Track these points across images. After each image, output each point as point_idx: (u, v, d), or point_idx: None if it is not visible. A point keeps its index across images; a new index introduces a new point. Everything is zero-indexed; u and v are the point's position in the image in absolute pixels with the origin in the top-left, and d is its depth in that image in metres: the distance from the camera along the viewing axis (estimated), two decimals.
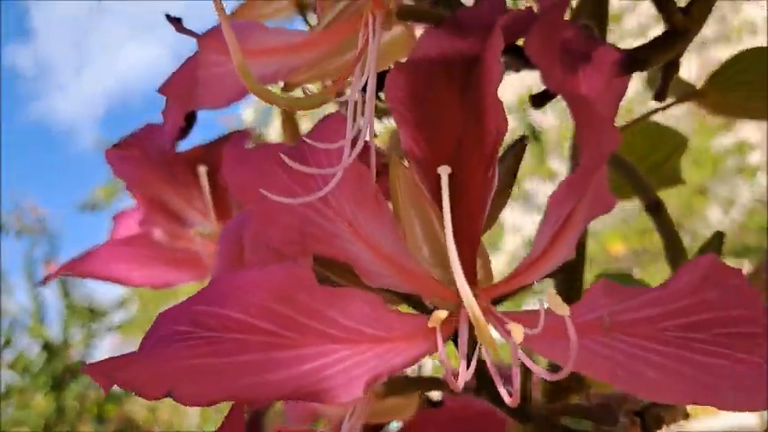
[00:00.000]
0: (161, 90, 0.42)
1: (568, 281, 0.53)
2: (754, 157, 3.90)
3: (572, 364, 0.31)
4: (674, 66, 0.39)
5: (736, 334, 0.32)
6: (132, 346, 0.45)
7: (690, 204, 3.76)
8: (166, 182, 0.67)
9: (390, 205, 0.37)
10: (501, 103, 0.34)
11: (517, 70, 0.40)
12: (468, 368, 0.33)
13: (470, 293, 0.30)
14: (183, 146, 0.69)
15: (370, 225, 0.36)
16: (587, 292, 0.34)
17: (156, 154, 0.63)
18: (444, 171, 0.30)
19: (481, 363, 0.41)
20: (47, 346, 4.07)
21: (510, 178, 0.43)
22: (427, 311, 0.36)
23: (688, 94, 0.50)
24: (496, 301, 0.38)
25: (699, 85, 0.50)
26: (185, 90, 0.41)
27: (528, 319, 0.33)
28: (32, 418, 3.89)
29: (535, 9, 0.36)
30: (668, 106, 0.51)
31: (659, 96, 0.40)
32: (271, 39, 0.38)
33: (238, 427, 0.32)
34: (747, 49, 0.47)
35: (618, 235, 4.07)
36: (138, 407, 4.32)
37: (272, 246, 0.36)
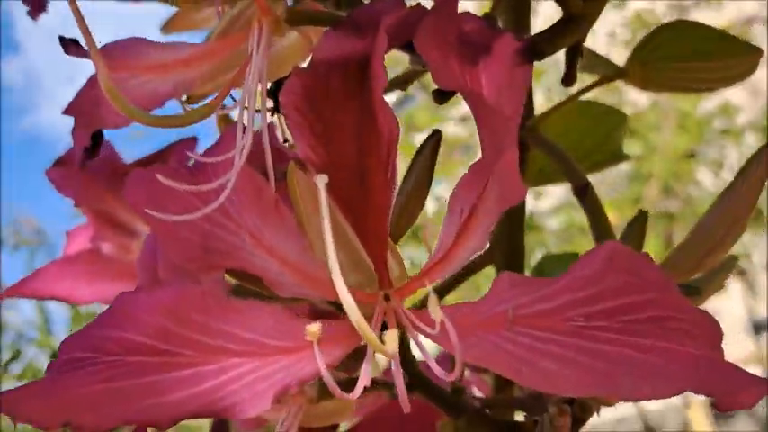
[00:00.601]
0: (65, 111, 0.41)
1: (510, 266, 0.53)
2: (741, 118, 3.88)
3: (460, 363, 0.30)
4: (576, 50, 0.38)
5: (645, 319, 0.31)
6: None
7: (679, 170, 3.75)
8: (112, 194, 0.66)
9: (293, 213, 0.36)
10: (386, 103, 0.33)
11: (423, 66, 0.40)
12: (365, 376, 0.33)
13: (351, 300, 0.30)
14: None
15: (273, 235, 0.35)
16: (493, 285, 0.34)
17: (100, 167, 0.62)
18: (321, 180, 0.30)
19: (411, 360, 0.41)
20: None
21: (426, 173, 0.42)
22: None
23: (612, 73, 0.49)
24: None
25: None
26: (88, 110, 0.40)
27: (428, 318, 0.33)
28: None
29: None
30: (594, 86, 0.50)
31: (567, 81, 0.40)
32: (165, 54, 0.37)
33: None
34: (666, 23, 0.47)
35: (611, 205, 4.07)
36: None
37: (177, 262, 0.36)
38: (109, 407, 0.31)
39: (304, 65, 0.38)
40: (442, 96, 0.39)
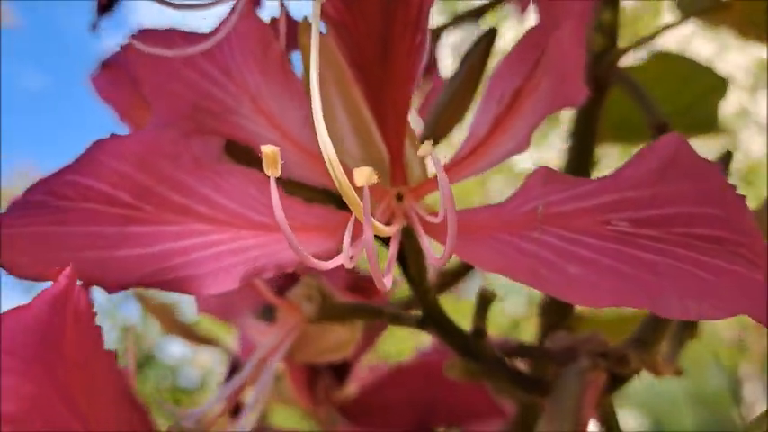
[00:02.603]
0: None
1: None
2: None
3: (452, 239, 0.24)
4: None
5: (705, 237, 0.24)
6: None
7: None
8: None
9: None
10: None
11: None
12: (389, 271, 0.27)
13: (342, 174, 0.24)
14: None
15: (275, 100, 0.30)
16: (525, 180, 0.27)
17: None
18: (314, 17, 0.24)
19: (427, 290, 0.35)
20: (124, 331, 4.14)
21: (475, 74, 0.36)
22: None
23: (708, 7, 0.42)
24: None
25: None
26: None
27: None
28: None
29: None
30: (681, 22, 0.43)
31: None
32: None
33: (87, 312, 0.26)
34: None
35: None
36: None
37: (162, 122, 0.31)
38: (46, 252, 0.26)
39: None
40: None
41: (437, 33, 0.52)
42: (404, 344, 1.27)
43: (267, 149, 0.22)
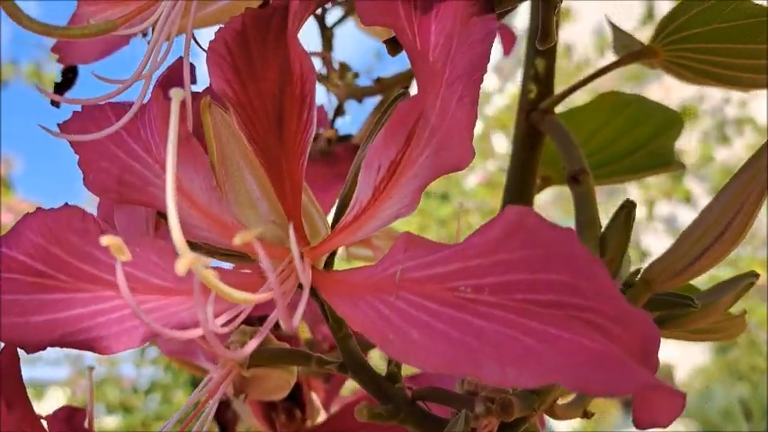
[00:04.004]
0: (52, 49, 0.42)
1: None
2: None
3: (300, 312, 0.27)
4: (550, 4, 0.33)
5: (547, 302, 0.26)
6: None
7: None
8: None
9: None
10: (301, 46, 0.31)
11: None
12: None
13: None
14: None
15: (183, 172, 0.34)
16: (392, 245, 0.30)
17: None
18: (177, 94, 0.27)
19: (348, 341, 0.38)
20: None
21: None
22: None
23: (634, 52, 0.43)
24: None
25: None
26: (63, 47, 0.41)
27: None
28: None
29: None
30: (613, 66, 0.44)
31: (542, 40, 0.35)
32: None
33: (12, 367, 0.30)
34: None
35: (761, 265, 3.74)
36: None
37: (93, 193, 0.35)
38: None
39: None
40: (392, 46, 0.35)
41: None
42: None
43: (106, 241, 0.25)
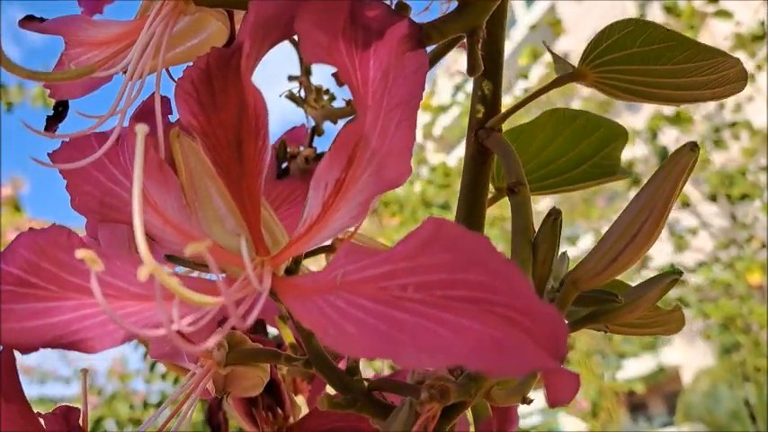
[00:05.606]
0: (45, 85, 0.47)
1: None
2: None
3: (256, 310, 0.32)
4: (474, 38, 0.38)
5: (461, 297, 0.31)
6: None
7: None
8: None
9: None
10: (254, 85, 0.36)
11: None
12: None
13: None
14: None
15: (157, 193, 0.38)
16: (336, 252, 0.35)
17: None
18: (141, 129, 0.32)
19: (311, 336, 0.43)
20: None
21: None
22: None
23: (566, 75, 0.48)
24: None
25: None
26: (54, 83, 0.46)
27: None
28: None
29: None
30: (549, 88, 0.49)
31: (470, 71, 0.39)
32: (100, 31, 0.42)
33: (10, 367, 0.35)
34: (616, 21, 0.45)
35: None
36: None
37: (79, 214, 0.40)
38: None
39: None
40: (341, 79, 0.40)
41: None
42: None
43: (81, 254, 0.30)
